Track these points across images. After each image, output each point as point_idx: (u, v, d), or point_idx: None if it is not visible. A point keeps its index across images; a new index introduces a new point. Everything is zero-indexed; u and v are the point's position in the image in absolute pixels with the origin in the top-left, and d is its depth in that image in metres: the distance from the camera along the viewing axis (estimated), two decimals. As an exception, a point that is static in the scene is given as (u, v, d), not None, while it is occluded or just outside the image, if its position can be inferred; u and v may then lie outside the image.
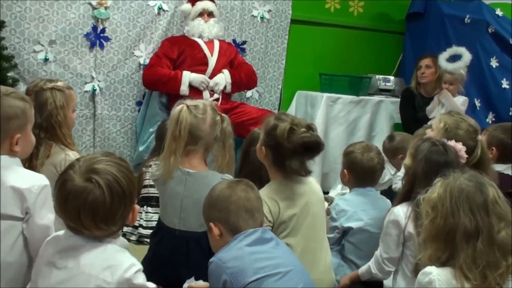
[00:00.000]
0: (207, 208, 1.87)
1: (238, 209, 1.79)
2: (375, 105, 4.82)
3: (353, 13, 5.33)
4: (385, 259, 2.24)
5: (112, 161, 1.51)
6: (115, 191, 1.46)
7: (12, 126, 1.78)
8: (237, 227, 1.78)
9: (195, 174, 2.24)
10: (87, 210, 1.44)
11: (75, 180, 1.45)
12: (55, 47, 4.05)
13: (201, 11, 4.26)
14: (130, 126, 4.37)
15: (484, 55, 5.24)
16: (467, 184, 1.57)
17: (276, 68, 4.95)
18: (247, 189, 1.85)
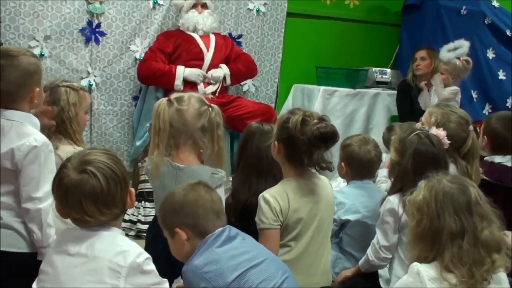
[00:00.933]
0: (170, 214, 1.80)
1: (207, 212, 1.77)
2: (372, 97, 4.82)
3: (349, 5, 5.32)
4: (382, 247, 2.26)
5: (99, 151, 1.62)
6: (109, 176, 1.56)
7: (34, 81, 1.99)
8: (206, 230, 1.75)
9: (186, 168, 2.21)
10: (87, 198, 1.53)
11: (70, 176, 1.54)
12: (50, 43, 4.03)
13: (194, 3, 4.25)
14: (127, 121, 4.36)
15: (480, 47, 5.23)
16: (450, 187, 1.61)
17: (273, 62, 4.94)
18: (210, 191, 1.83)
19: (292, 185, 2.14)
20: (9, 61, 1.95)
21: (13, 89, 1.95)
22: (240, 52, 4.50)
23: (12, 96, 1.96)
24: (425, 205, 1.61)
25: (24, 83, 1.96)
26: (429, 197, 1.61)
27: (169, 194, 1.84)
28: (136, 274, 1.55)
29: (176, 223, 1.77)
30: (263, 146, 2.52)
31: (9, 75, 1.94)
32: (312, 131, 2.05)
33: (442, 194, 1.60)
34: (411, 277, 1.60)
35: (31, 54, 2.03)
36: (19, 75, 1.95)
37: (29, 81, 1.98)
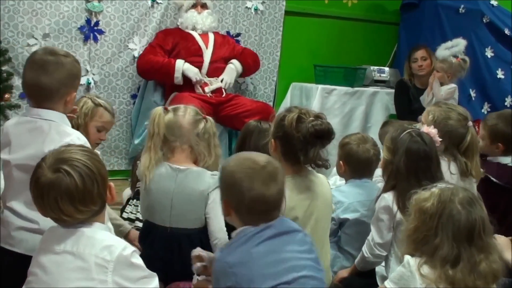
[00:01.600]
0: (222, 182, 1.71)
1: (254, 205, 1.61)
2: (370, 96, 4.83)
3: (347, 4, 5.32)
4: (376, 244, 2.28)
5: (74, 148, 1.61)
6: (84, 173, 1.54)
7: (74, 84, 2.05)
8: (249, 221, 1.63)
9: (186, 170, 2.26)
10: (63, 198, 1.52)
11: (45, 175, 1.53)
12: (49, 41, 4.02)
13: (194, 3, 4.26)
14: (125, 119, 4.36)
15: (479, 45, 5.23)
16: (458, 211, 1.58)
17: (271, 60, 4.94)
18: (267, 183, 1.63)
19: (288, 183, 2.12)
20: (58, 59, 1.98)
21: (55, 86, 1.96)
22: (243, 48, 4.51)
23: (52, 94, 1.97)
24: (428, 217, 1.60)
25: (67, 83, 1.99)
26: (435, 211, 1.59)
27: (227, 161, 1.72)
28: (123, 268, 1.53)
29: (224, 194, 1.70)
30: (261, 144, 2.52)
31: (55, 71, 1.96)
32: (307, 129, 2.05)
33: (447, 217, 1.57)
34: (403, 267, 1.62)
35: (75, 59, 2.07)
36: (65, 74, 1.98)
37: (71, 82, 2.01)
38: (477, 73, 5.22)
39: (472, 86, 5.23)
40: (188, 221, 2.26)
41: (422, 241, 1.59)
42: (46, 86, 1.96)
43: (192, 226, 2.26)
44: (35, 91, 1.99)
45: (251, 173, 1.62)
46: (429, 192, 1.64)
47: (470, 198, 1.60)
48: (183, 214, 2.25)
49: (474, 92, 5.27)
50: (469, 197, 1.61)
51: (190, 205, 2.25)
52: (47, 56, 1.99)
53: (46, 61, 1.97)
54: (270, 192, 1.62)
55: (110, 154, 4.30)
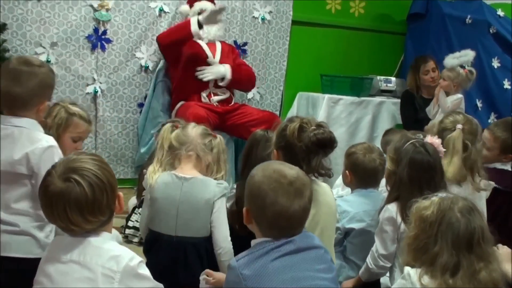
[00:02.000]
0: (247, 192, 1.65)
1: (277, 219, 1.57)
2: (377, 106, 4.82)
3: (354, 14, 5.33)
4: (380, 255, 2.27)
5: (85, 157, 1.60)
6: (94, 183, 1.53)
7: (47, 93, 2.07)
8: (269, 234, 1.59)
9: (191, 179, 2.29)
10: (72, 207, 1.51)
11: (55, 184, 1.52)
12: (57, 49, 4.05)
13: (199, 12, 4.26)
14: (132, 128, 4.37)
15: (485, 56, 5.24)
16: (457, 219, 1.57)
17: (278, 70, 4.95)
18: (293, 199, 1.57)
19: None
20: (31, 69, 2.01)
21: (27, 96, 1.99)
22: (243, 63, 4.51)
23: (25, 103, 2.00)
24: (428, 225, 1.59)
25: (39, 93, 2.02)
26: (434, 219, 1.59)
27: (256, 170, 1.65)
28: (130, 279, 1.53)
29: (247, 202, 1.65)
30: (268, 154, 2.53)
31: (27, 81, 1.99)
32: (309, 138, 2.06)
33: (446, 225, 1.57)
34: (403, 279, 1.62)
35: (50, 69, 2.12)
36: (37, 84, 2.01)
37: (43, 92, 2.04)
38: (484, 83, 5.23)
39: (478, 96, 5.23)
40: (193, 229, 2.26)
41: (422, 249, 1.59)
42: (19, 96, 1.99)
43: (198, 235, 2.27)
44: (7, 100, 2.01)
45: (277, 187, 1.57)
46: (429, 200, 1.64)
47: (470, 207, 1.60)
48: (188, 222, 2.26)
49: (481, 102, 5.27)
50: (468, 206, 1.61)
51: (196, 213, 2.26)
52: (21, 66, 2.02)
53: (20, 71, 2.00)
54: (293, 209, 1.57)
55: (116, 162, 4.31)
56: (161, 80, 4.32)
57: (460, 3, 5.45)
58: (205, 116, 3.81)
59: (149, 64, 4.35)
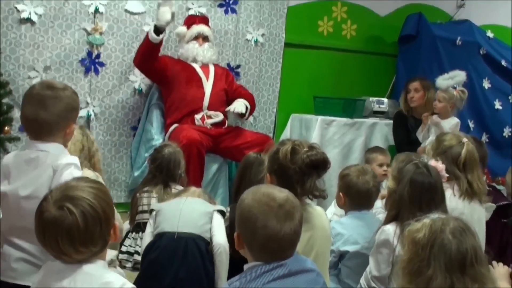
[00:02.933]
0: (238, 215, 1.65)
1: (266, 243, 1.57)
2: (370, 127, 4.84)
3: (346, 36, 5.38)
4: (374, 277, 2.26)
5: (84, 185, 1.57)
6: (88, 214, 1.51)
7: (73, 116, 2.08)
8: (261, 257, 1.59)
9: (193, 198, 2.62)
10: (64, 237, 1.49)
11: (49, 211, 1.51)
12: (50, 73, 4.06)
13: (196, 35, 4.28)
14: (125, 151, 4.36)
15: (476, 77, 5.29)
16: (449, 240, 1.56)
17: (271, 92, 4.98)
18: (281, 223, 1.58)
19: None
20: (55, 93, 2.01)
21: (54, 120, 1.99)
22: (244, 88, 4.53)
23: (51, 127, 1.99)
24: (420, 248, 1.58)
25: (66, 116, 2.02)
26: (426, 242, 1.57)
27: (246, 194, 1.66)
28: None
29: (238, 227, 1.65)
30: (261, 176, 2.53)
31: (53, 105, 1.98)
32: (302, 160, 2.06)
33: (438, 247, 1.55)
34: None
35: (73, 91, 2.10)
36: (63, 108, 2.00)
37: (70, 115, 2.04)
38: (475, 104, 5.27)
39: (470, 117, 5.27)
40: (194, 227, 2.42)
41: (416, 272, 1.58)
42: (45, 121, 1.98)
43: (198, 233, 2.41)
44: (34, 126, 2.01)
45: (267, 210, 1.58)
46: (421, 223, 1.64)
47: (461, 228, 1.59)
48: (190, 220, 2.43)
49: (473, 123, 5.30)
50: (460, 227, 1.60)
51: (197, 214, 2.47)
52: (45, 90, 2.01)
53: (44, 96, 1.99)
54: (284, 232, 1.57)
55: (110, 186, 4.29)
56: (155, 103, 4.33)
57: (450, 25, 5.53)
58: (198, 139, 3.81)
59: (143, 87, 4.36)
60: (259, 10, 4.81)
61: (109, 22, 4.22)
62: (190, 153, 3.65)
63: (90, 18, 4.16)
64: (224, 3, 4.67)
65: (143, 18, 4.34)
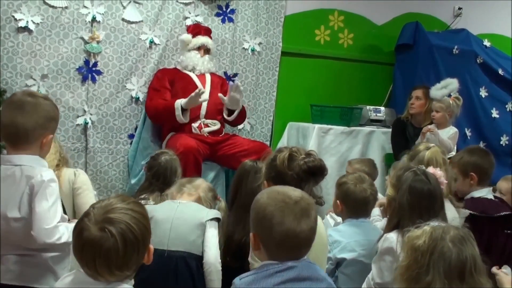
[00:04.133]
0: (253, 216, 1.68)
1: (284, 240, 1.59)
2: (367, 135, 4.85)
3: (343, 45, 5.39)
4: (376, 284, 2.24)
5: (126, 208, 1.56)
6: (128, 239, 1.51)
7: (51, 126, 2.05)
8: (277, 255, 1.61)
9: (186, 203, 2.48)
10: (102, 258, 1.49)
11: (90, 230, 1.50)
12: (47, 81, 4.06)
13: (200, 45, 4.31)
14: (122, 159, 4.36)
15: (473, 85, 5.30)
16: (449, 248, 1.57)
17: (268, 100, 4.98)
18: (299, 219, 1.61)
19: None
20: (36, 100, 2.00)
21: (31, 126, 1.97)
22: None
23: (28, 134, 1.97)
24: (420, 254, 1.59)
25: (43, 124, 2.00)
26: (426, 249, 1.58)
27: (262, 194, 1.69)
28: None
29: (254, 227, 1.66)
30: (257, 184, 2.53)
31: (32, 112, 1.98)
32: (300, 166, 2.08)
33: (438, 254, 1.57)
34: None
35: (53, 103, 2.10)
36: (42, 115, 1.99)
37: (48, 124, 2.02)
38: (472, 113, 5.28)
39: (467, 126, 5.28)
40: (185, 244, 2.34)
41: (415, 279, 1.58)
42: (22, 127, 1.96)
43: (189, 250, 2.33)
44: (10, 132, 1.99)
45: (283, 207, 1.61)
46: (421, 230, 1.64)
47: (461, 236, 1.60)
48: (180, 237, 2.34)
49: (470, 132, 5.31)
50: (460, 235, 1.61)
51: (188, 229, 2.36)
52: (26, 97, 2.01)
53: (24, 101, 1.99)
54: (301, 228, 1.60)
55: (107, 194, 4.28)
56: (152, 111, 4.32)
57: (447, 34, 5.54)
58: (195, 146, 3.81)
59: (140, 96, 4.36)
60: (256, 19, 4.83)
61: (106, 30, 4.23)
62: (187, 161, 3.65)
63: (88, 27, 4.17)
64: (221, 12, 4.69)
65: (140, 27, 4.35)
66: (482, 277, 1.58)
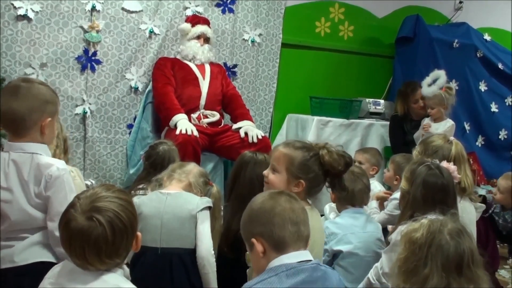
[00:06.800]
0: (247, 222, 1.69)
1: (284, 222, 1.62)
2: (366, 128, 4.85)
3: (343, 37, 5.39)
4: (384, 274, 2.26)
5: (111, 196, 1.56)
6: (117, 226, 1.51)
7: (47, 109, 2.02)
8: (283, 242, 1.61)
9: (175, 193, 2.40)
10: (91, 247, 1.49)
11: (77, 220, 1.50)
12: (46, 70, 4.05)
13: (199, 34, 4.29)
14: (121, 149, 4.36)
15: (473, 79, 5.30)
16: (447, 241, 1.57)
17: (267, 91, 4.97)
18: (291, 200, 1.69)
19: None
20: (28, 85, 2.01)
21: (27, 110, 1.97)
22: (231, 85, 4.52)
23: (25, 120, 1.97)
24: (418, 247, 1.59)
25: (38, 108, 1.99)
26: (424, 242, 1.59)
27: (251, 201, 1.73)
28: None
29: (253, 232, 1.65)
30: (256, 175, 2.53)
31: (25, 96, 1.98)
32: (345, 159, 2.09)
33: (436, 247, 1.57)
34: None
35: (50, 88, 2.09)
36: (33, 99, 1.98)
37: (43, 107, 2.00)
38: (471, 107, 5.29)
39: (466, 119, 5.29)
40: (178, 240, 2.30)
41: (412, 272, 1.59)
42: (17, 112, 1.97)
43: (182, 246, 2.31)
44: (8, 119, 1.99)
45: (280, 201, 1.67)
46: (419, 223, 1.65)
47: (459, 229, 1.61)
48: (172, 233, 2.30)
49: (469, 125, 5.31)
50: (457, 228, 1.62)
51: (179, 224, 2.32)
52: (20, 82, 2.02)
53: (18, 86, 2.00)
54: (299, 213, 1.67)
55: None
56: (151, 101, 4.32)
57: (447, 27, 5.54)
58: (194, 137, 3.81)
59: (139, 85, 4.35)
60: (256, 10, 4.81)
61: (106, 20, 4.22)
62: (186, 151, 3.64)
63: (87, 16, 4.15)
64: (222, 3, 4.67)
65: (140, 16, 4.34)
66: (479, 270, 1.59)
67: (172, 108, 4.03)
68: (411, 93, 4.59)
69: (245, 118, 4.30)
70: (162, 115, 4.10)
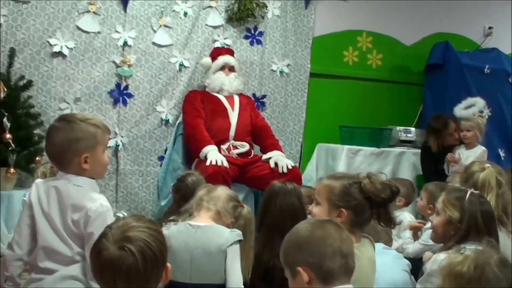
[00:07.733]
0: (293, 251, 1.63)
1: (334, 253, 1.56)
2: (397, 156, 4.80)
3: (372, 65, 5.38)
4: None
5: (142, 226, 1.56)
6: (148, 256, 1.50)
7: (80, 147, 2.01)
8: (331, 274, 1.56)
9: (205, 226, 2.33)
10: (122, 277, 1.48)
11: (109, 249, 1.50)
12: (80, 104, 4.15)
13: (222, 65, 4.35)
14: (152, 181, 4.40)
15: (505, 105, 5.22)
16: (495, 275, 1.52)
17: (297, 121, 4.98)
18: (339, 229, 1.63)
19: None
20: (61, 124, 2.03)
21: (57, 152, 2.01)
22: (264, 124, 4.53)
23: (60, 159, 2.02)
24: (466, 281, 1.53)
25: (68, 147, 1.99)
26: (473, 276, 1.53)
27: (294, 229, 1.67)
28: None
29: (299, 261, 1.59)
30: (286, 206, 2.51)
31: (54, 137, 2.01)
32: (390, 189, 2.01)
33: (485, 282, 1.52)
34: None
35: (90, 122, 2.05)
36: (63, 138, 2.00)
37: (74, 146, 2.00)
38: (506, 133, 5.19)
39: (501, 146, 5.19)
40: (207, 276, 2.26)
41: None
42: (49, 153, 2.04)
43: (212, 281, 2.27)
44: (49, 157, 2.07)
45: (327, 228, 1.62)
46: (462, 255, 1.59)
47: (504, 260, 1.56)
48: (202, 269, 2.26)
49: (503, 152, 5.21)
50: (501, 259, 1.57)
51: (209, 259, 2.27)
52: (56, 122, 2.07)
53: (52, 127, 2.04)
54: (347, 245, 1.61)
55: (137, 215, 4.31)
56: (181, 133, 4.37)
57: (477, 53, 5.48)
58: (224, 168, 3.82)
59: (170, 118, 4.42)
60: (284, 41, 4.86)
61: (137, 54, 4.32)
62: (216, 182, 3.62)
63: (119, 51, 4.26)
64: (250, 35, 4.74)
65: (170, 50, 4.43)
66: None
67: (202, 140, 4.07)
68: (444, 128, 4.51)
69: (275, 149, 4.31)
70: (193, 147, 4.14)
